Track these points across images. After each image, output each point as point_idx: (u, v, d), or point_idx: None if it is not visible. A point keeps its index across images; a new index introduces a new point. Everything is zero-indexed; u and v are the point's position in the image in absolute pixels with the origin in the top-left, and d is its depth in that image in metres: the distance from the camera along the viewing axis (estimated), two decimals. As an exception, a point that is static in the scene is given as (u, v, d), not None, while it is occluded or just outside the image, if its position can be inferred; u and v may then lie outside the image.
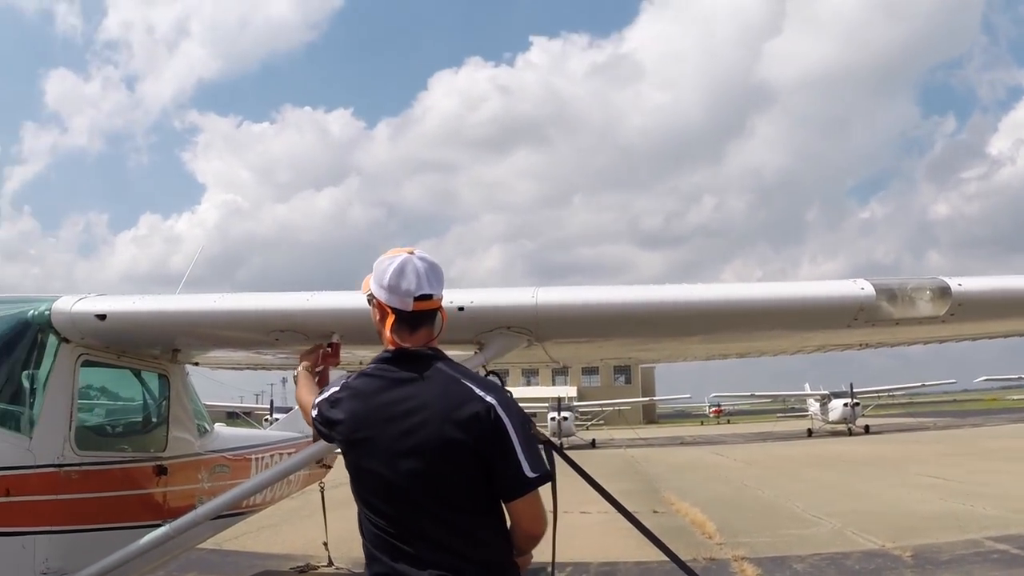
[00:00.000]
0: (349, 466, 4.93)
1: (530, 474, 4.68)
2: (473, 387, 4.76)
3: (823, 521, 22.45)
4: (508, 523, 4.89)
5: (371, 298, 5.09)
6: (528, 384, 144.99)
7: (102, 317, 7.77)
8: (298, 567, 17.86)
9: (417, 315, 4.95)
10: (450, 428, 4.62)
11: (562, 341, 7.79)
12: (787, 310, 6.78)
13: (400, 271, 4.92)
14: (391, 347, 4.94)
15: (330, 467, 17.23)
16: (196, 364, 10.45)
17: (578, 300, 6.95)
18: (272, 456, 13.16)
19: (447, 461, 4.64)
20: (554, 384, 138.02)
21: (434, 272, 5.02)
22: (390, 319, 4.95)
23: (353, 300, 7.07)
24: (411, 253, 5.05)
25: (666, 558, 17.92)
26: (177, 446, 9.77)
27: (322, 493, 17.96)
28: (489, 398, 4.72)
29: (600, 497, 24.74)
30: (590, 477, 7.30)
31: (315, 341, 7.38)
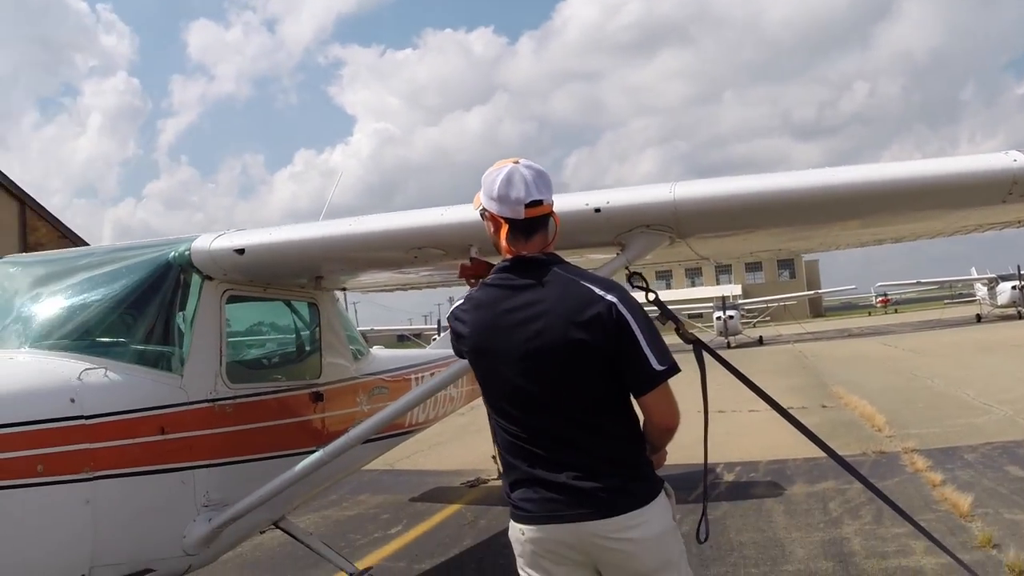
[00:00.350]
0: (479, 377, 5.03)
1: (657, 367, 4.73)
2: (593, 287, 4.82)
3: (994, 409, 21.98)
4: (640, 421, 4.95)
5: (483, 212, 5.14)
6: (692, 284, 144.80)
7: (240, 251, 7.79)
8: (468, 481, 18.11)
9: (529, 222, 4.99)
10: (573, 329, 4.69)
11: (705, 236, 7.54)
12: (935, 187, 6.36)
13: (508, 180, 4.96)
14: (508, 256, 4.98)
15: (495, 381, 17.20)
16: (343, 290, 10.43)
17: (716, 192, 6.66)
18: (432, 374, 13.13)
19: (573, 362, 4.70)
20: (718, 283, 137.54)
21: (541, 178, 5.04)
22: (504, 229, 5.00)
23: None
24: (516, 163, 5.06)
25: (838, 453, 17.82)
26: (332, 372, 9.81)
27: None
28: (610, 296, 4.77)
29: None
30: (742, 375, 7.14)
31: (453, 256, 7.30)
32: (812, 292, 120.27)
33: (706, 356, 6.87)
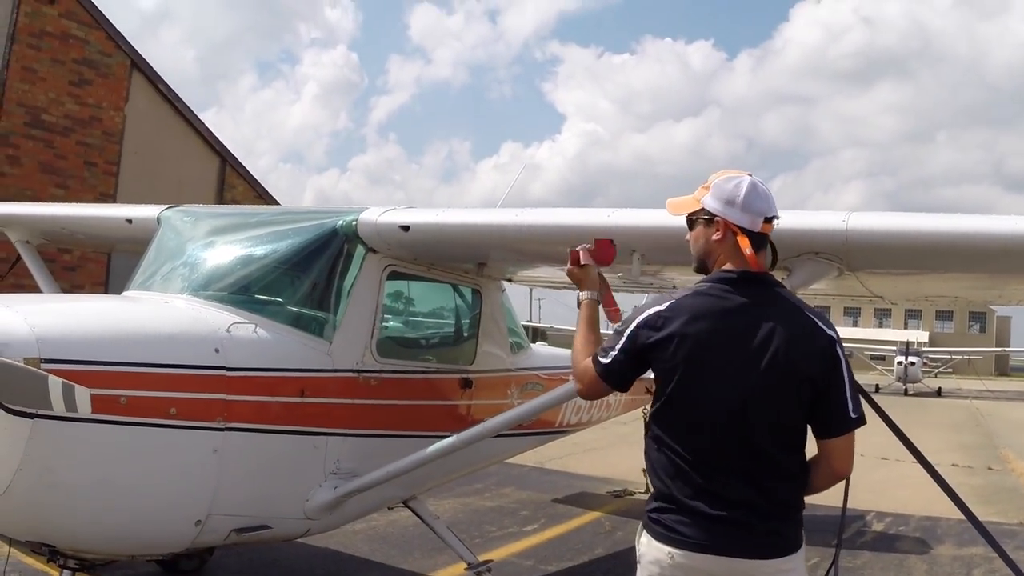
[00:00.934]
0: (670, 390, 4.75)
1: (852, 414, 4.71)
2: (816, 320, 4.76)
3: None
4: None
5: (701, 216, 4.97)
6: (880, 325, 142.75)
7: (406, 228, 7.75)
8: (615, 491, 17.97)
9: (762, 237, 4.91)
10: (798, 357, 4.61)
11: (876, 272, 7.30)
12: None
13: (753, 190, 4.83)
14: (730, 268, 4.86)
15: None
16: (509, 280, 10.33)
17: (891, 227, 6.36)
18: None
19: (789, 390, 4.62)
20: (906, 327, 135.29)
21: (773, 197, 4.97)
22: (743, 239, 4.81)
23: (655, 218, 6.81)
24: (750, 175, 4.94)
25: (989, 518, 17.27)
26: (486, 361, 9.74)
27: (645, 419, 17.77)
28: (831, 333, 4.75)
29: (933, 449, 24.10)
30: (896, 426, 6.93)
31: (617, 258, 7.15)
32: (1000, 349, 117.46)
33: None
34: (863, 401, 4.76)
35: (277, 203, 27.71)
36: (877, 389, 70.99)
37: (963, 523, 15.99)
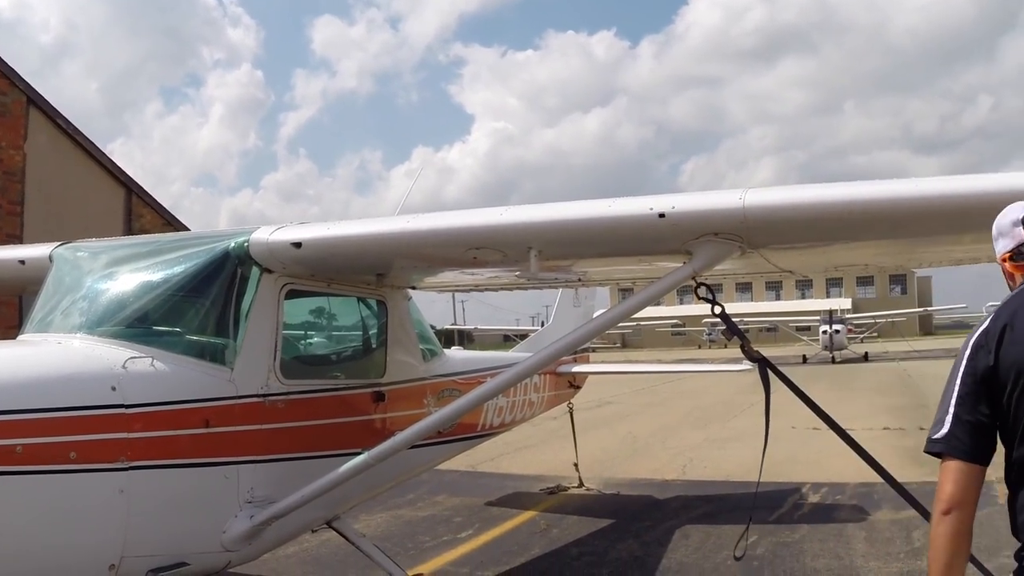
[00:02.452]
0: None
1: None
2: None
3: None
4: None
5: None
6: (803, 296, 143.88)
7: (297, 245, 7.58)
8: (549, 488, 17.87)
9: None
10: None
11: (780, 248, 7.16)
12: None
13: (1008, 212, 4.49)
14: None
15: (579, 387, 17.03)
16: (414, 288, 10.16)
17: (789, 200, 6.23)
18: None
19: None
20: (828, 296, 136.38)
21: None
22: (1008, 264, 4.45)
23: (550, 212, 6.68)
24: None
25: (926, 479, 17.25)
26: (398, 372, 9.58)
27: (571, 414, 17.80)
28: None
29: (864, 413, 24.27)
30: (805, 395, 6.73)
31: (514, 258, 6.98)
32: (922, 309, 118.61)
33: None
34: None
35: (186, 229, 27.48)
36: (805, 360, 72.02)
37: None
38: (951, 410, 4.18)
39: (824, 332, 72.26)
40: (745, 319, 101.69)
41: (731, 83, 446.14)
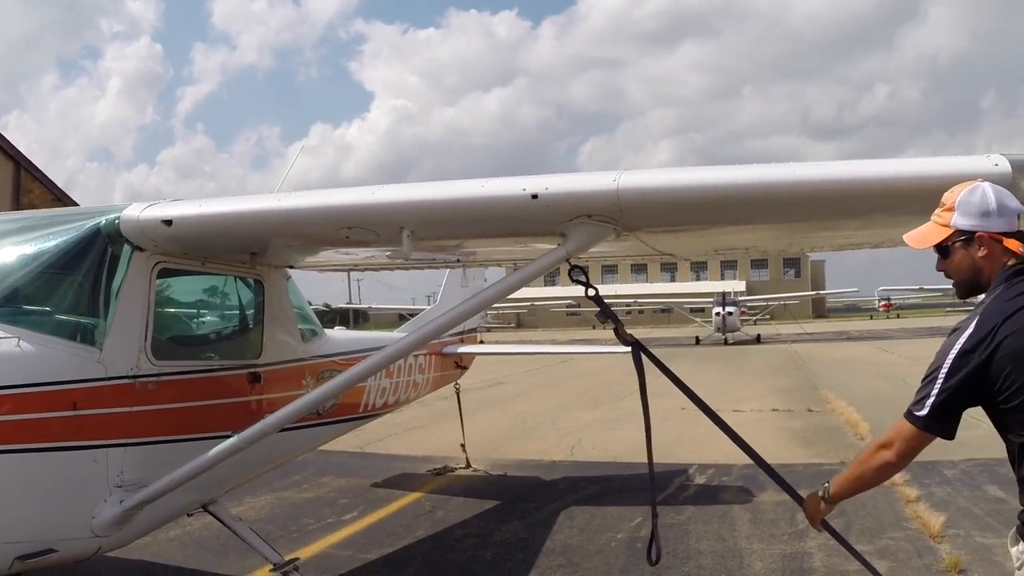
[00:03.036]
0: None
1: None
2: None
3: (982, 423, 21.51)
4: None
5: (959, 239, 4.79)
6: (697, 278, 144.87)
7: (168, 223, 7.35)
8: (435, 469, 17.84)
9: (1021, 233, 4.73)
10: None
11: (655, 230, 7.10)
12: (902, 190, 5.89)
13: (999, 193, 4.75)
14: (1014, 264, 4.69)
15: (466, 368, 16.97)
16: (291, 267, 9.97)
17: (662, 184, 6.12)
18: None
19: None
20: (723, 278, 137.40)
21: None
22: (1011, 242, 4.66)
23: (422, 192, 6.57)
24: (982, 181, 4.87)
25: (811, 460, 17.41)
26: (274, 352, 9.40)
27: (458, 395, 17.67)
28: None
29: (754, 395, 24.46)
30: (678, 379, 6.68)
31: (388, 238, 6.85)
32: (814, 293, 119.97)
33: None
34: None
35: (75, 204, 27.08)
36: (698, 341, 72.61)
37: (784, 468, 16.11)
38: (934, 394, 4.63)
39: (717, 314, 72.78)
40: (639, 300, 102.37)
41: (632, 65, 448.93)
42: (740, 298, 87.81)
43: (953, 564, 10.47)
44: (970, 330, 4.51)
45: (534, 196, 6.11)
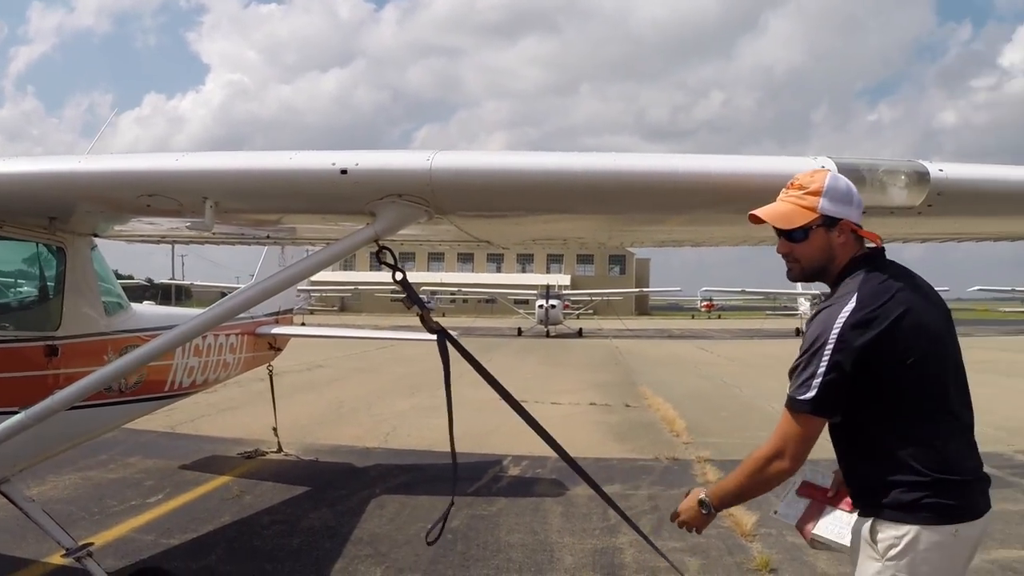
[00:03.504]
0: (922, 382, 4.70)
1: None
2: None
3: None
4: None
5: (819, 224, 4.90)
6: (523, 271, 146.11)
7: (-48, 182, 6.82)
8: (246, 452, 17.55)
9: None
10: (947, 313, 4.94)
11: (468, 215, 6.84)
12: (727, 187, 5.74)
13: (851, 185, 4.98)
14: (868, 251, 4.95)
15: (280, 350, 16.67)
16: (96, 235, 9.53)
17: (475, 165, 5.90)
18: (205, 336, 12.41)
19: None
20: (548, 271, 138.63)
21: None
22: (867, 233, 4.92)
23: (228, 161, 6.23)
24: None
25: (626, 456, 17.43)
26: (75, 325, 8.91)
27: (271, 377, 17.36)
28: None
29: (572, 388, 24.55)
30: (483, 368, 6.50)
31: (191, 209, 6.52)
32: (638, 290, 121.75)
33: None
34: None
35: None
36: (520, 332, 73.23)
37: (600, 462, 16.45)
38: (822, 371, 4.58)
39: (540, 306, 73.43)
40: (464, 289, 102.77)
41: (471, 55, 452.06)
42: (564, 292, 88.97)
43: (764, 563, 10.58)
44: (851, 305, 4.60)
45: (343, 171, 5.81)
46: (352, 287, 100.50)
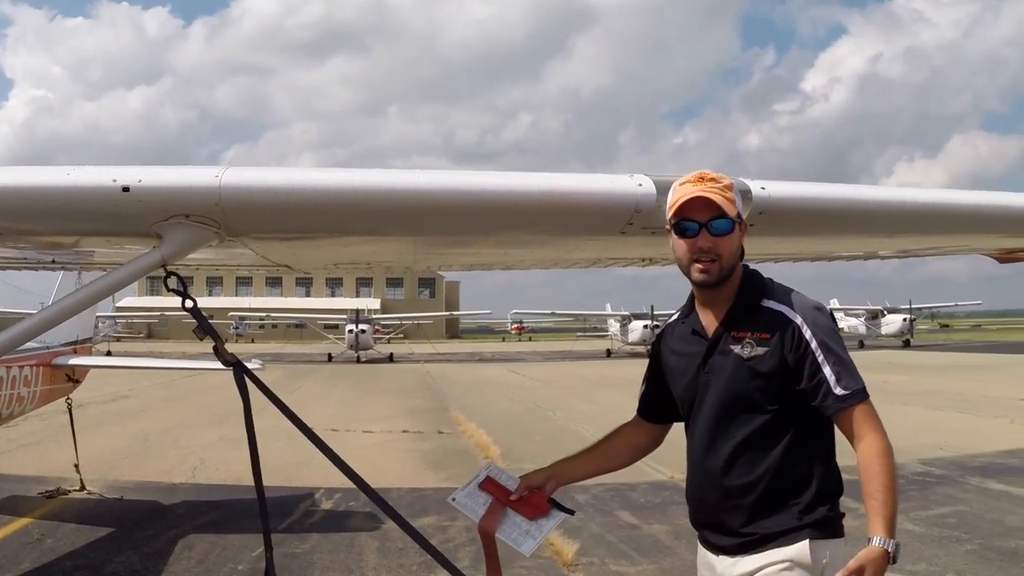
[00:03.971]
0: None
1: None
2: None
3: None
4: None
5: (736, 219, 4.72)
6: (332, 294, 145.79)
7: None
8: (48, 492, 16.66)
9: None
10: None
11: (263, 237, 6.34)
12: (538, 206, 5.41)
13: None
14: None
15: (79, 381, 16.08)
16: None
17: (270, 183, 5.40)
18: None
19: None
20: (358, 295, 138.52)
21: None
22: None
23: (9, 177, 5.65)
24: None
25: (441, 485, 17.18)
26: None
27: (70, 410, 16.70)
28: None
29: (384, 415, 24.17)
30: (281, 402, 6.12)
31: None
32: (448, 313, 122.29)
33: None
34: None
35: None
36: (330, 358, 73.42)
37: (414, 492, 16.21)
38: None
39: (350, 331, 73.32)
40: (272, 314, 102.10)
41: (280, 75, 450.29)
42: (375, 316, 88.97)
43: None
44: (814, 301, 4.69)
45: (125, 189, 5.31)
46: (159, 313, 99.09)
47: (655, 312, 79.05)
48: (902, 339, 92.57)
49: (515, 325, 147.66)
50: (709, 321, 4.72)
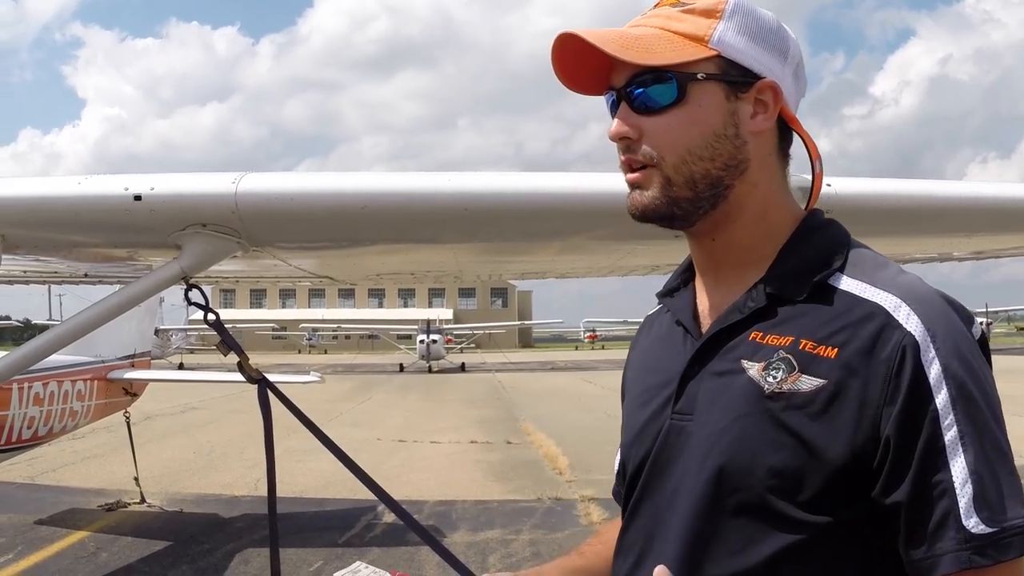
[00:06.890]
0: None
1: None
2: None
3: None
4: None
5: (728, 75, 2.13)
6: (405, 305, 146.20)
7: None
8: (107, 504, 16.57)
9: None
10: None
11: (290, 247, 6.06)
12: (589, 209, 5.03)
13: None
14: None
15: (137, 395, 16.01)
16: None
17: (290, 189, 5.04)
18: (47, 384, 11.70)
19: None
20: (431, 306, 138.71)
21: None
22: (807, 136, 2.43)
23: (9, 189, 5.41)
24: None
25: (507, 497, 16.90)
26: None
27: (128, 424, 16.56)
28: None
29: (453, 426, 23.99)
30: (306, 418, 5.83)
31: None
32: (520, 322, 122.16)
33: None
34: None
35: None
36: (402, 368, 73.17)
37: (479, 505, 15.92)
38: None
39: (421, 341, 73.16)
40: (344, 325, 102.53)
41: (349, 90, 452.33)
42: (446, 326, 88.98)
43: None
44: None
45: (137, 197, 5.06)
46: (231, 325, 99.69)
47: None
48: None
49: (588, 333, 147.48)
50: (713, 305, 2.27)
